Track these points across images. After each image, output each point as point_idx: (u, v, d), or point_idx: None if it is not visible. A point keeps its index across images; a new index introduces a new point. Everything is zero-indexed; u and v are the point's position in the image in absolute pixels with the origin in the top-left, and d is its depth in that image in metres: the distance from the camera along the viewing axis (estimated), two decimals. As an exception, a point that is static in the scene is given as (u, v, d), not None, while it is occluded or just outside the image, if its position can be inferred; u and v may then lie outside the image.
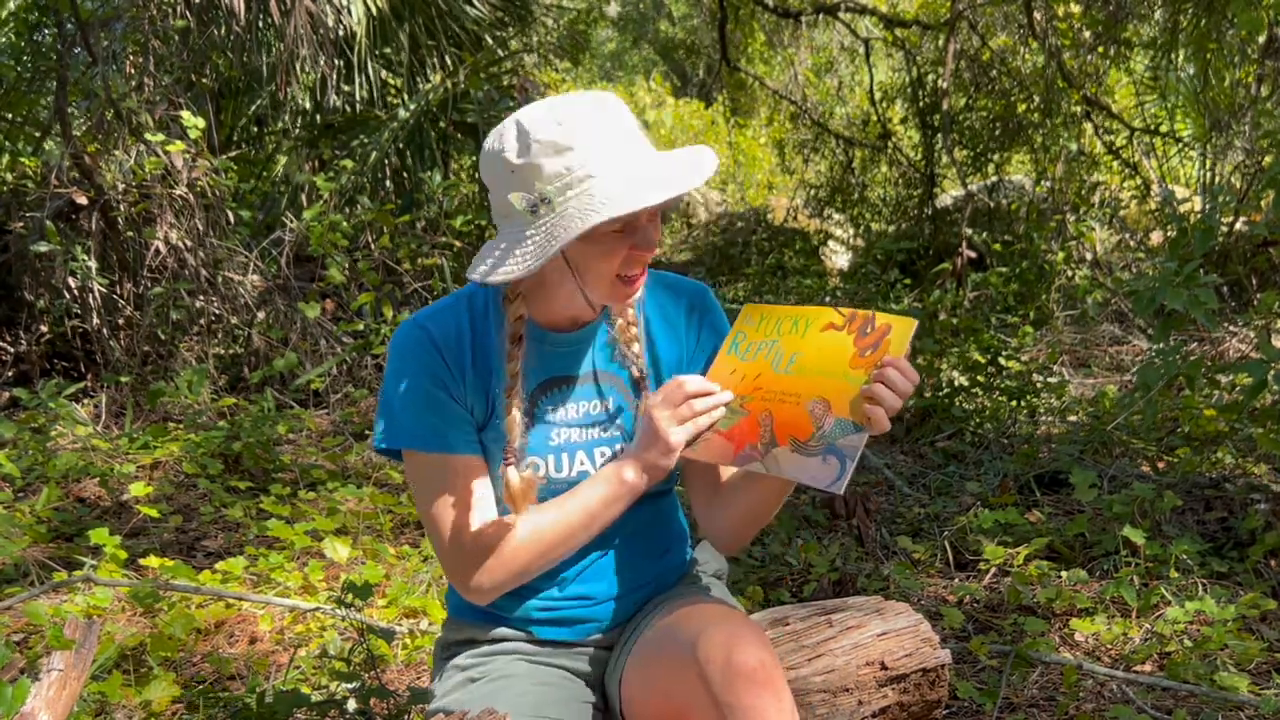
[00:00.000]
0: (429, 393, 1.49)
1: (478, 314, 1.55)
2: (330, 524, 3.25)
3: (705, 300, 1.68)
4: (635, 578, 1.63)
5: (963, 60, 9.05)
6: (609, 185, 1.37)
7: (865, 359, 1.43)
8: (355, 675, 2.26)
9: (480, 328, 1.54)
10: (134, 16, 5.30)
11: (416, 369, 1.50)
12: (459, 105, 6.19)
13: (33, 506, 3.35)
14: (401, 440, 1.51)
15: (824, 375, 1.46)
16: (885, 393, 1.39)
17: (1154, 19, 7.92)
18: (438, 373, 1.50)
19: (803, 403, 1.46)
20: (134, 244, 5.16)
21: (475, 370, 1.52)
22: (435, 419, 1.49)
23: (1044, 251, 7.35)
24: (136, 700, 2.28)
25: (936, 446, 4.42)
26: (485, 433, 1.54)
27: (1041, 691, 2.43)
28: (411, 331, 1.52)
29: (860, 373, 1.43)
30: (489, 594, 1.54)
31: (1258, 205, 5.90)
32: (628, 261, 1.44)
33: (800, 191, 10.93)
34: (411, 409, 1.49)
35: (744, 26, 12.05)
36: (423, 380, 1.49)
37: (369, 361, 5.17)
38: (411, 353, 1.51)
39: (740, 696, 1.32)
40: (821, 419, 1.43)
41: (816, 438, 1.43)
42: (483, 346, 1.53)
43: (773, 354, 1.52)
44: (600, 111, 1.41)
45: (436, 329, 1.52)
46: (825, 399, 1.44)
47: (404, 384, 1.50)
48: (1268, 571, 2.96)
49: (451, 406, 1.50)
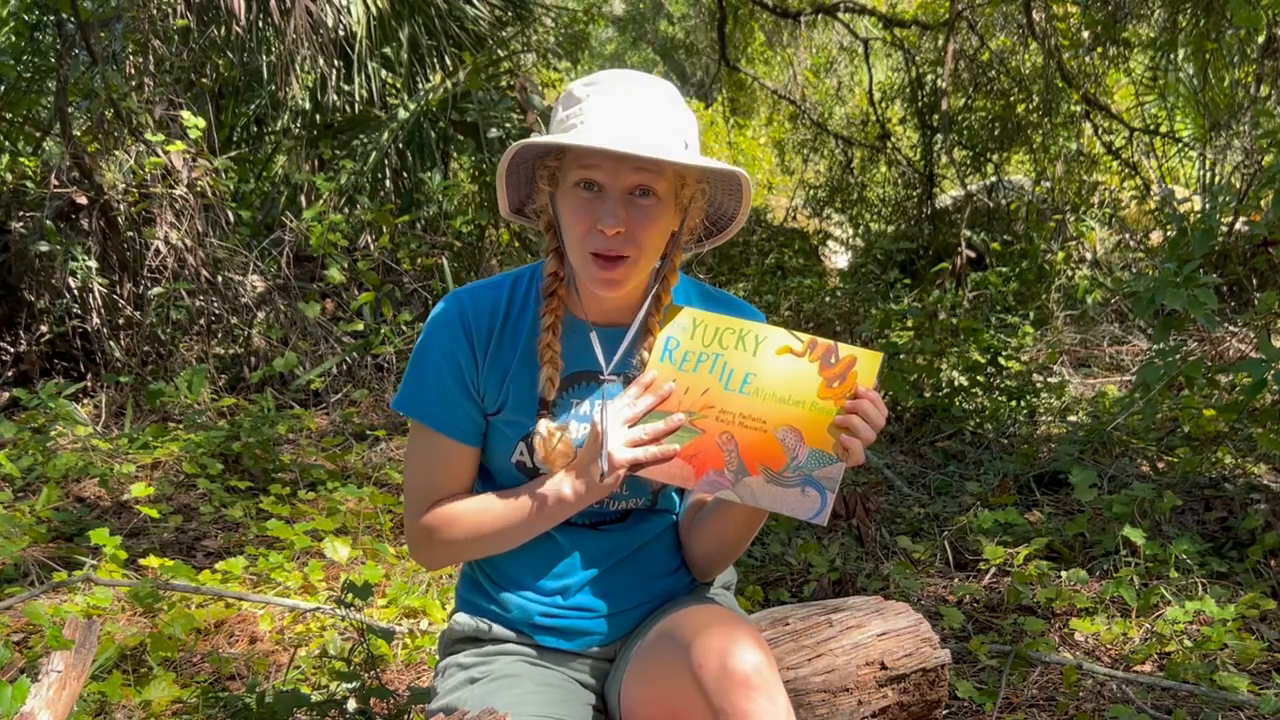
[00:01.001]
0: (444, 381, 1.55)
1: (519, 295, 1.58)
2: (330, 524, 3.25)
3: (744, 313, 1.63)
4: (642, 593, 1.62)
5: (962, 60, 9.05)
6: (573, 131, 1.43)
7: (834, 390, 1.43)
8: (355, 675, 2.26)
9: (519, 307, 1.57)
10: (134, 16, 5.30)
11: (439, 353, 1.55)
12: (459, 105, 6.18)
13: (33, 506, 3.35)
14: (412, 411, 1.58)
15: (791, 404, 1.45)
16: (860, 424, 1.40)
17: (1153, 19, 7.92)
18: (458, 359, 1.54)
19: (771, 430, 1.45)
20: (134, 244, 5.16)
21: (499, 351, 1.55)
22: (444, 406, 1.55)
23: (1044, 251, 7.35)
24: (136, 700, 2.28)
25: (936, 446, 4.42)
26: (497, 416, 1.57)
27: (1041, 691, 2.43)
28: (449, 305, 1.57)
29: (830, 404, 1.43)
30: (424, 551, 1.61)
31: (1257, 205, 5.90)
32: (592, 236, 1.44)
33: (799, 191, 10.92)
34: (428, 387, 1.56)
35: (743, 26, 12.05)
36: (443, 367, 1.55)
37: (369, 361, 5.17)
38: (440, 332, 1.56)
39: (735, 701, 1.32)
40: (795, 449, 1.43)
41: (791, 469, 1.43)
42: (515, 328, 1.56)
43: (718, 369, 1.50)
44: (621, 83, 1.46)
45: (472, 305, 1.56)
46: (796, 429, 1.44)
47: (427, 361, 1.57)
48: (1267, 571, 2.96)
49: (461, 400, 1.55)
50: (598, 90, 1.46)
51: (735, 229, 1.59)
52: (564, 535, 1.59)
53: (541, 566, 1.60)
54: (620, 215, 1.43)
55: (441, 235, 5.65)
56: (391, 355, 5.07)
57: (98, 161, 5.02)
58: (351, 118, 6.38)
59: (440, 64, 6.44)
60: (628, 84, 1.46)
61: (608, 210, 1.43)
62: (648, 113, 1.44)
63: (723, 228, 1.60)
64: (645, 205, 1.45)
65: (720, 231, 1.60)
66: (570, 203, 1.46)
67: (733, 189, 1.55)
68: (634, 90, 1.46)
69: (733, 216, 1.58)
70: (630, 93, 1.45)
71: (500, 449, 1.58)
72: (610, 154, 1.41)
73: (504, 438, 1.57)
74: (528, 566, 1.60)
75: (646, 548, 1.63)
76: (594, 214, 1.44)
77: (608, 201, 1.43)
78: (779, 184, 12.36)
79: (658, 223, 1.46)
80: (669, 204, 1.48)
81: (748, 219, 1.65)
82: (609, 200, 1.43)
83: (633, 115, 1.43)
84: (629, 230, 1.44)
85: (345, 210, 5.69)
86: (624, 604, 1.61)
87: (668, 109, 1.46)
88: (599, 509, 1.59)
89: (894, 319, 5.31)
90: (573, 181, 1.45)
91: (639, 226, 1.44)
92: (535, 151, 1.50)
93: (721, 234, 1.60)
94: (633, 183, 1.43)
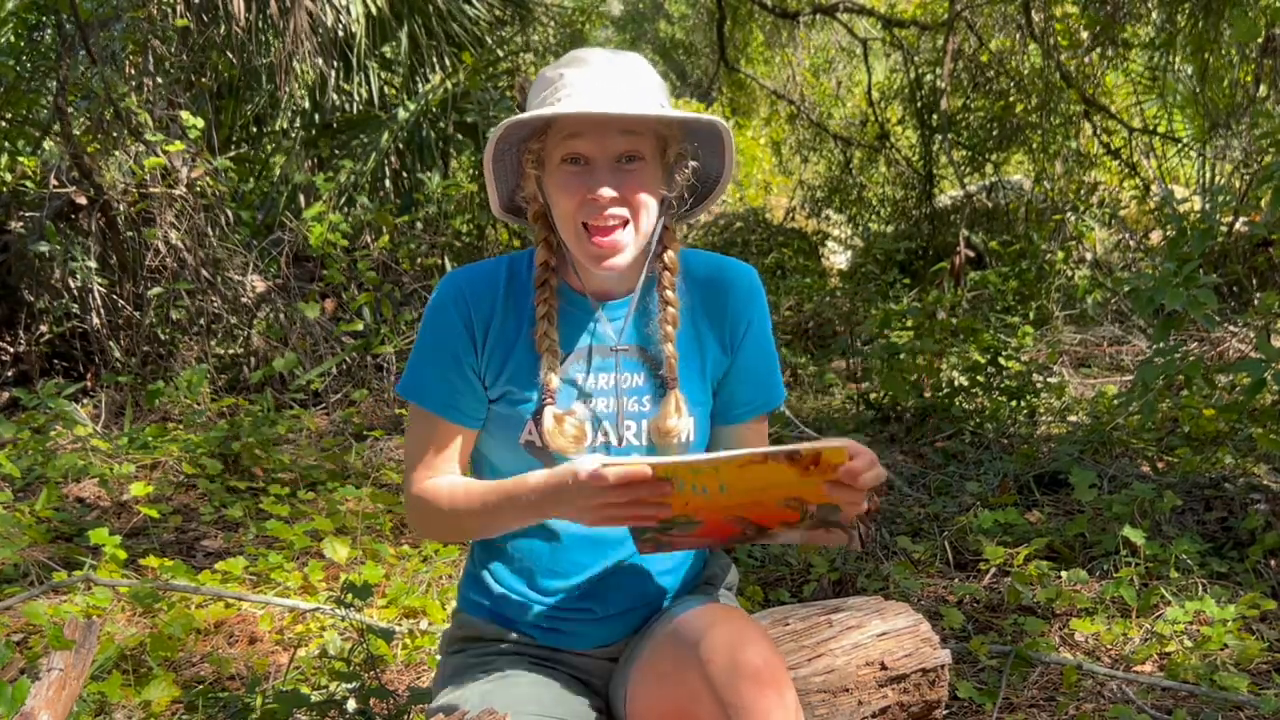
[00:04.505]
0: (443, 364, 1.57)
1: (520, 275, 1.59)
2: (330, 524, 3.25)
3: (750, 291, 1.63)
4: (645, 593, 1.62)
5: (961, 60, 9.06)
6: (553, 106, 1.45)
7: (811, 473, 1.35)
8: (355, 675, 2.26)
9: (521, 288, 1.58)
10: (134, 16, 5.30)
11: (438, 336, 1.58)
12: (459, 105, 6.18)
13: (33, 506, 3.35)
14: (412, 395, 1.61)
15: (780, 485, 1.36)
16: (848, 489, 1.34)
17: (1152, 19, 7.92)
18: (455, 343, 1.56)
19: (775, 501, 1.38)
20: (134, 244, 5.16)
21: (501, 332, 1.56)
22: (443, 390, 1.57)
23: (1044, 251, 7.36)
24: (136, 700, 2.28)
25: (936, 446, 4.42)
26: (498, 402, 1.57)
27: (1041, 691, 2.43)
28: (447, 289, 1.58)
29: (815, 478, 1.35)
30: (414, 519, 1.63)
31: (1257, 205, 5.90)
32: (586, 207, 1.45)
33: (799, 192, 10.93)
34: (427, 371, 1.59)
35: (742, 26, 12.05)
36: (441, 351, 1.57)
37: (369, 361, 5.16)
38: (438, 315, 1.58)
39: (744, 696, 1.32)
40: (803, 507, 1.40)
41: (808, 520, 1.42)
42: (515, 307, 1.57)
43: (698, 490, 1.37)
44: (590, 56, 1.50)
45: (470, 287, 1.58)
46: (798, 495, 1.38)
47: (427, 343, 1.59)
48: (1267, 571, 2.96)
49: (459, 383, 1.57)
50: (569, 67, 1.49)
51: (724, 187, 1.61)
52: (567, 534, 1.59)
53: (544, 566, 1.60)
54: (612, 182, 1.45)
55: (441, 235, 5.65)
56: (391, 355, 5.07)
57: (97, 161, 5.02)
58: (351, 118, 6.39)
59: (440, 64, 6.44)
60: (597, 57, 1.50)
61: (598, 178, 1.45)
62: (622, 79, 1.47)
63: (710, 189, 1.61)
64: (633, 170, 1.47)
65: (709, 194, 1.62)
66: (559, 179, 1.48)
67: (715, 147, 1.56)
68: (604, 61, 1.49)
69: (718, 177, 1.60)
70: (601, 64, 1.49)
71: (507, 433, 1.57)
72: (594, 119, 1.43)
73: (510, 421, 1.56)
74: (530, 566, 1.60)
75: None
76: (585, 185, 1.45)
77: (597, 171, 1.45)
78: (778, 184, 12.36)
79: (648, 185, 1.48)
80: (656, 166, 1.50)
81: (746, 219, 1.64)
82: (598, 170, 1.45)
83: (608, 82, 1.46)
84: (622, 195, 1.46)
85: (345, 210, 5.69)
86: (626, 604, 1.61)
87: (639, 75, 1.50)
88: None
89: (894, 319, 5.31)
90: (559, 158, 1.47)
91: (630, 190, 1.46)
92: (519, 136, 1.51)
93: (711, 195, 1.62)
94: (619, 148, 1.45)
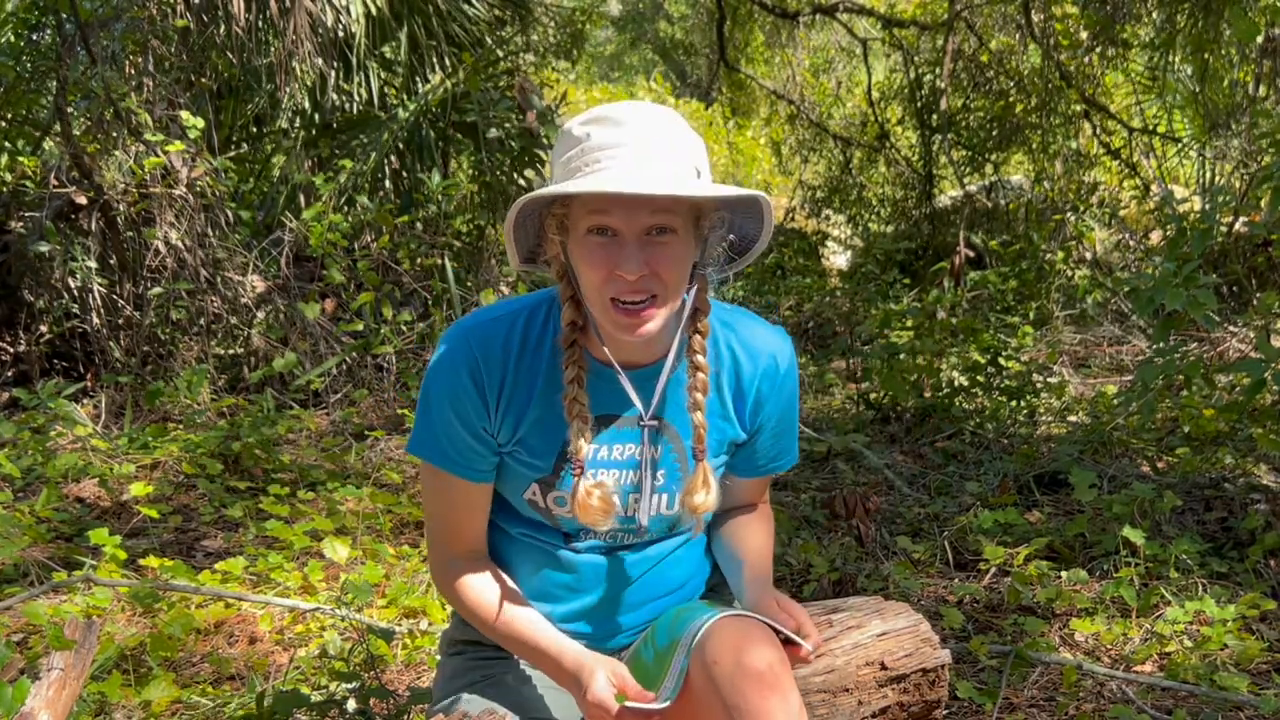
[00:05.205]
0: (450, 423, 1.49)
1: (534, 331, 1.50)
2: (330, 524, 3.25)
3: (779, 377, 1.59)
4: (647, 612, 1.62)
5: (960, 60, 9.06)
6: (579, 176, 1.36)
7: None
8: (355, 675, 2.26)
9: (534, 345, 1.50)
10: (134, 16, 5.30)
11: (447, 399, 1.49)
12: (459, 105, 6.18)
13: (33, 506, 3.35)
14: (421, 452, 1.54)
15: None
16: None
17: (1151, 19, 7.93)
18: (466, 407, 1.48)
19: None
20: (134, 244, 5.16)
21: (514, 392, 1.49)
22: (454, 449, 1.51)
23: (1044, 251, 7.36)
24: (136, 700, 2.28)
25: (936, 446, 4.42)
26: (512, 452, 1.52)
27: (1041, 691, 2.43)
28: (459, 348, 1.48)
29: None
30: (448, 597, 1.60)
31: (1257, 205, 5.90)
32: (613, 283, 1.36)
33: (799, 192, 10.93)
34: (437, 432, 1.51)
35: (742, 27, 12.06)
36: (450, 413, 1.49)
37: (369, 361, 5.17)
38: (449, 377, 1.49)
39: (748, 698, 1.32)
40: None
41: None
42: (530, 367, 1.49)
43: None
44: (622, 116, 1.38)
45: (481, 348, 1.48)
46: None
47: (433, 400, 1.50)
48: (1267, 571, 2.96)
49: (472, 443, 1.50)
50: (598, 128, 1.37)
51: (759, 250, 1.52)
52: (576, 559, 1.57)
53: (550, 590, 1.59)
54: (640, 259, 1.35)
55: (441, 235, 5.64)
56: (391, 355, 5.07)
57: (97, 161, 5.01)
58: (351, 118, 6.38)
59: (439, 64, 6.44)
60: (630, 117, 1.37)
61: (627, 255, 1.34)
62: (655, 146, 1.35)
63: (745, 249, 1.52)
64: (664, 243, 1.36)
65: (743, 254, 1.52)
66: (584, 250, 1.37)
67: (752, 210, 1.47)
68: (636, 123, 1.37)
69: (755, 237, 1.51)
70: (634, 127, 1.36)
71: (513, 484, 1.54)
72: (622, 199, 1.33)
73: (517, 475, 1.53)
74: (535, 590, 1.59)
75: (659, 567, 1.62)
76: (611, 260, 1.35)
77: (625, 246, 1.35)
78: (778, 184, 12.36)
79: (679, 259, 1.38)
80: (688, 238, 1.40)
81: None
82: (626, 245, 1.35)
83: (640, 152, 1.34)
84: (651, 270, 1.36)
85: (345, 210, 5.69)
86: (629, 620, 1.61)
87: (674, 138, 1.38)
88: (614, 541, 1.57)
89: (894, 319, 5.31)
90: (585, 229, 1.37)
91: (661, 266, 1.36)
92: (542, 200, 1.41)
93: (744, 256, 1.52)
94: (649, 224, 1.35)
